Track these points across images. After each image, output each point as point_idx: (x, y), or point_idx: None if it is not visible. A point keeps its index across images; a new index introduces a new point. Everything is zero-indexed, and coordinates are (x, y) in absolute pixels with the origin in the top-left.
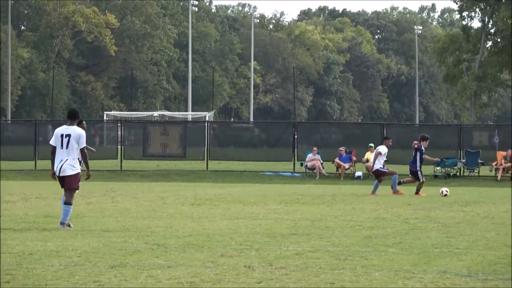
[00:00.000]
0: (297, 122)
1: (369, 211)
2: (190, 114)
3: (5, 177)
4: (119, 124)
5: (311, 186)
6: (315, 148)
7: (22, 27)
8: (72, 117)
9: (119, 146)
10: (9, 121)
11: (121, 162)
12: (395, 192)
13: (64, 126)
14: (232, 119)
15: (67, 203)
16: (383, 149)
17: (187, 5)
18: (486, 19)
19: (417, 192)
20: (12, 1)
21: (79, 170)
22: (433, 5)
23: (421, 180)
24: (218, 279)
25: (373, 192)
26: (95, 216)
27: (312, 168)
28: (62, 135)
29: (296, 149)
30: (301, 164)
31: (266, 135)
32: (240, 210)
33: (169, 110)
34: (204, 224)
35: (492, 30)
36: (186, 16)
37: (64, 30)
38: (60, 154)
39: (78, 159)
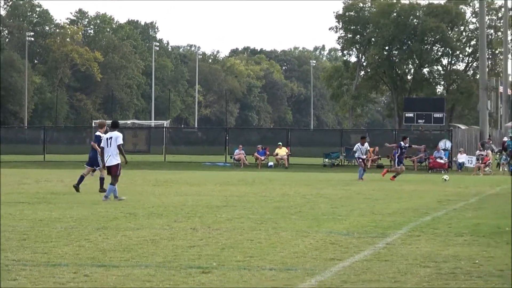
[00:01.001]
0: (228, 127)
1: (278, 190)
2: (153, 122)
3: (23, 166)
4: None
5: (238, 173)
6: (240, 146)
7: (36, 61)
8: (114, 126)
9: None
10: (26, 127)
11: None
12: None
13: (109, 133)
14: (183, 126)
15: (112, 184)
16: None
17: (151, 46)
18: (360, 56)
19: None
20: (29, 43)
21: (119, 162)
22: (323, 45)
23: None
24: (172, 237)
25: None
26: (86, 194)
27: (238, 160)
28: (107, 138)
29: (227, 146)
30: (231, 157)
31: (206, 137)
32: (187, 189)
33: (138, 119)
34: (162, 199)
35: (364, 63)
36: (150, 53)
37: (65, 63)
38: (107, 151)
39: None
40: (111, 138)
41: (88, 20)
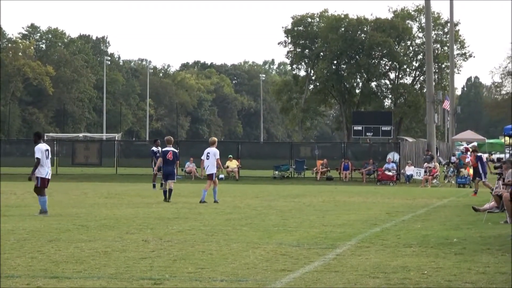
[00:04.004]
0: (179, 140)
1: (229, 202)
2: (104, 135)
3: None
4: (55, 142)
5: (189, 185)
6: (191, 159)
7: None
8: (41, 137)
9: (55, 157)
10: None
11: (56, 168)
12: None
13: (44, 144)
14: (134, 139)
15: (44, 195)
16: None
17: (103, 60)
18: (309, 70)
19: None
20: None
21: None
22: (273, 59)
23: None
24: (124, 249)
25: None
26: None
27: (189, 172)
28: (46, 150)
29: (178, 159)
30: (182, 170)
31: (163, 149)
32: (139, 201)
33: (90, 132)
34: (114, 211)
35: (313, 77)
36: (102, 67)
37: (17, 77)
38: (46, 163)
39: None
40: (48, 150)
41: (40, 35)
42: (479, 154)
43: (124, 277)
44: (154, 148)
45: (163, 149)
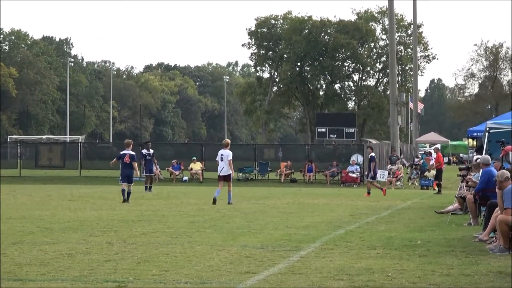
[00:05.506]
0: (143, 142)
1: (193, 204)
2: (68, 137)
3: None
4: (18, 144)
5: (153, 187)
6: (155, 161)
7: None
8: None
9: (18, 160)
10: None
11: (20, 170)
12: None
13: None
14: (98, 141)
15: None
16: None
17: (66, 61)
18: (273, 72)
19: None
20: None
21: None
22: (236, 61)
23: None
24: (88, 252)
25: None
26: (1, 208)
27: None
28: None
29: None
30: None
31: (121, 152)
32: (103, 203)
33: (54, 135)
34: (78, 213)
35: (277, 79)
36: (65, 69)
37: None
38: None
39: None
40: None
41: (3, 36)
42: (371, 154)
43: (88, 280)
44: (144, 151)
45: (121, 152)
